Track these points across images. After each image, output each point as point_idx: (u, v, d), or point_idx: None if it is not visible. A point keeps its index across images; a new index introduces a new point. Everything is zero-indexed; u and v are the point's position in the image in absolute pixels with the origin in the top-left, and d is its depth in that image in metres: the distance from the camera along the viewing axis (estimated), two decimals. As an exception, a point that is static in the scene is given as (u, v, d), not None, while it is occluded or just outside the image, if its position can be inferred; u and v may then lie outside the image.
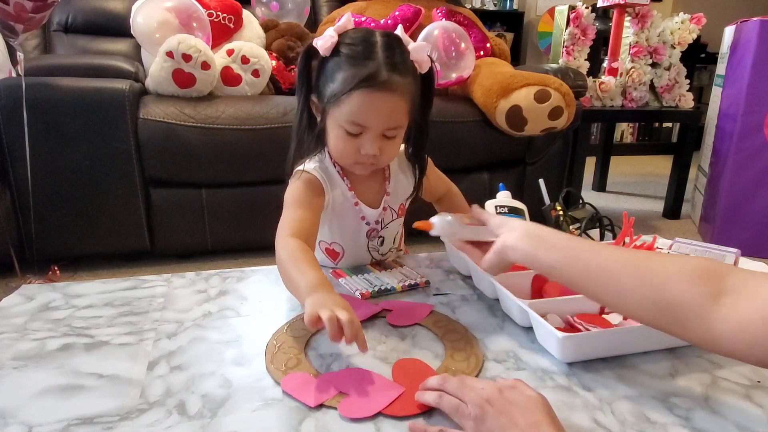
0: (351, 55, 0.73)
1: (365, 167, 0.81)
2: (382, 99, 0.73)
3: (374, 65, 0.72)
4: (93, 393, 0.55)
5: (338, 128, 0.76)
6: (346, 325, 0.55)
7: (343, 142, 0.77)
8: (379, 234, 0.91)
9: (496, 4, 4.51)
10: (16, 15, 1.45)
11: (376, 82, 0.72)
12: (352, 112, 0.74)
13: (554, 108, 1.79)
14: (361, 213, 0.87)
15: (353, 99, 0.72)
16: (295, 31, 2.21)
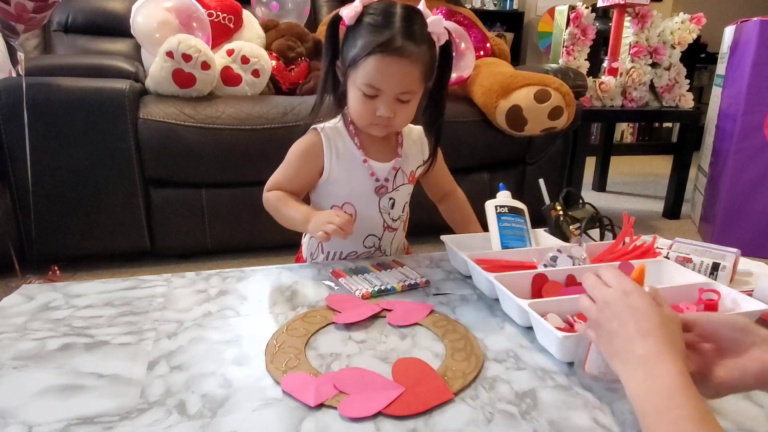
0: (371, 23, 0.80)
1: (380, 128, 0.88)
2: (395, 64, 0.80)
3: (390, 33, 0.78)
4: (93, 393, 0.55)
5: (357, 90, 0.83)
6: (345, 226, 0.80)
7: (361, 103, 0.84)
8: (389, 194, 0.95)
9: (496, 4, 4.51)
10: (17, 15, 1.45)
11: (391, 48, 0.78)
12: (368, 76, 0.81)
13: (554, 108, 1.79)
14: (371, 169, 0.93)
15: (369, 63, 0.80)
16: (295, 31, 2.21)
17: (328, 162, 0.92)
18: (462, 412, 0.53)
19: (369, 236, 0.98)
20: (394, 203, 0.97)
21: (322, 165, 0.93)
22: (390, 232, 0.99)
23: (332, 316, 0.71)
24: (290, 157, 0.96)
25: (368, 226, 0.96)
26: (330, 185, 0.94)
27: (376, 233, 0.98)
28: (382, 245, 1.00)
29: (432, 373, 0.58)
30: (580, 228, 0.96)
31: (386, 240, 1.00)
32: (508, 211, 0.93)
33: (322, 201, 0.97)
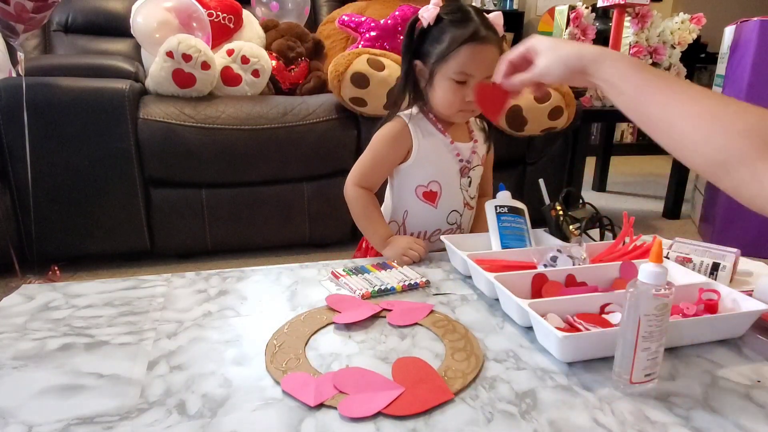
0: (453, 20, 0.91)
1: (465, 114, 0.97)
2: (485, 50, 0.90)
3: (474, 25, 0.90)
4: (93, 393, 0.55)
5: (447, 81, 0.92)
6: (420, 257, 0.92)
7: (452, 92, 0.93)
8: (469, 173, 1.04)
9: (496, 4, 4.51)
10: (17, 15, 1.45)
11: (479, 36, 0.89)
12: (460, 64, 0.90)
13: (554, 108, 1.79)
14: (456, 150, 1.01)
15: (461, 53, 0.90)
16: (295, 31, 2.21)
17: (417, 144, 0.99)
18: (462, 412, 0.53)
19: (452, 212, 1.04)
20: (471, 182, 1.05)
21: (408, 149, 0.99)
22: (468, 210, 1.07)
23: (332, 316, 0.71)
24: (377, 143, 1.01)
25: (452, 202, 1.04)
26: (416, 168, 1.01)
27: (458, 209, 1.05)
28: (462, 222, 1.06)
29: (432, 372, 0.58)
30: (580, 228, 0.96)
31: (465, 217, 1.06)
32: (508, 211, 0.93)
33: (406, 182, 1.03)
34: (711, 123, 0.49)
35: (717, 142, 0.48)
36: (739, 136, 0.47)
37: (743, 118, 0.48)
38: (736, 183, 0.47)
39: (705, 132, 0.49)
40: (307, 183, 1.88)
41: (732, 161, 0.47)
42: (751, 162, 0.46)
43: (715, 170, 0.49)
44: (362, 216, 1.01)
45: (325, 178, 1.88)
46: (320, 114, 1.83)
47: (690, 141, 0.51)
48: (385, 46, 2.12)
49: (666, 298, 0.53)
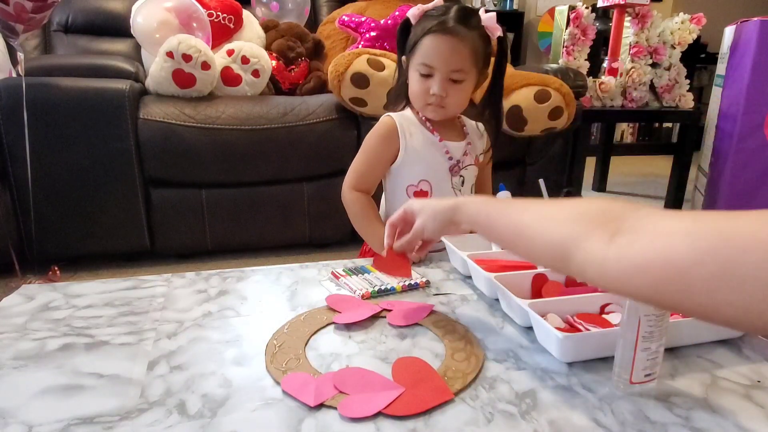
0: (429, 14, 0.92)
1: (434, 109, 0.95)
2: (446, 42, 0.89)
3: (444, 17, 0.89)
4: (93, 393, 0.55)
5: (414, 72, 0.93)
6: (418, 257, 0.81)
7: (418, 84, 0.93)
8: (460, 172, 1.02)
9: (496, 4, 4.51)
10: (17, 15, 1.45)
11: (443, 27, 0.88)
12: (423, 55, 0.90)
13: (554, 108, 1.79)
14: (446, 148, 1.00)
15: (424, 43, 0.90)
16: (295, 31, 2.21)
17: (404, 142, 0.98)
18: (462, 412, 0.53)
19: None
20: (464, 181, 1.04)
21: (397, 148, 0.99)
22: None
23: (332, 316, 0.71)
24: (368, 143, 1.01)
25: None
26: (405, 167, 1.00)
27: None
28: None
29: (432, 372, 0.58)
30: (580, 228, 0.96)
31: None
32: (508, 211, 0.93)
33: (397, 182, 1.03)
34: (549, 220, 0.52)
35: (552, 236, 0.51)
36: (568, 224, 0.49)
37: (572, 208, 0.51)
38: (578, 268, 0.48)
39: (544, 229, 0.52)
40: (307, 183, 1.88)
41: (567, 248, 0.48)
42: (582, 243, 0.46)
43: (560, 262, 0.51)
44: (360, 219, 1.01)
45: (325, 178, 1.88)
46: (320, 114, 1.83)
47: (535, 242, 0.54)
48: (385, 46, 2.12)
49: None
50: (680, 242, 0.39)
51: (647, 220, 0.43)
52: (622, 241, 0.43)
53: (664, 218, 0.42)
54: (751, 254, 0.35)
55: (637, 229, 0.43)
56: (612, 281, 0.44)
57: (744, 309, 0.36)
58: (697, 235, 0.39)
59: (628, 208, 0.46)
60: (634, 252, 0.42)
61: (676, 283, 0.39)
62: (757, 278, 0.35)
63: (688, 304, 0.40)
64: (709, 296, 0.37)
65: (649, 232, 0.42)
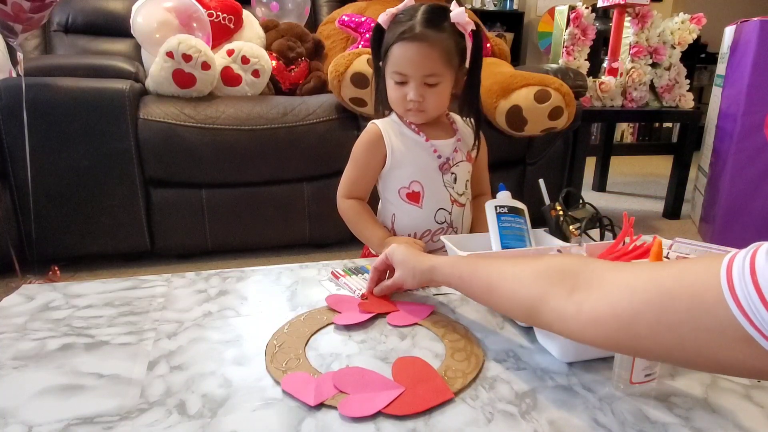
0: (397, 20, 0.91)
1: (414, 113, 0.95)
2: (415, 48, 0.88)
3: (409, 24, 0.88)
4: (93, 393, 0.55)
5: (389, 79, 0.94)
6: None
7: (394, 91, 0.94)
8: (451, 169, 1.02)
9: (496, 4, 4.51)
10: (15, 15, 1.45)
11: (411, 34, 0.88)
12: (394, 63, 0.90)
13: (554, 108, 1.79)
14: (433, 147, 0.99)
15: (394, 51, 0.90)
16: (295, 31, 2.21)
17: (390, 147, 0.99)
18: (462, 412, 0.53)
19: (439, 210, 1.03)
20: (456, 178, 1.03)
21: (384, 154, 0.99)
22: (458, 207, 1.04)
23: (332, 317, 0.71)
24: (356, 153, 1.02)
25: (438, 200, 1.02)
26: (395, 170, 1.01)
27: (446, 207, 1.03)
28: (453, 221, 1.04)
29: (432, 372, 0.58)
30: (580, 228, 0.96)
31: (456, 215, 1.04)
32: (508, 211, 0.93)
33: (389, 185, 1.03)
34: (515, 281, 0.55)
35: (521, 296, 0.54)
36: (532, 284, 0.52)
37: (534, 268, 0.54)
38: (546, 323, 0.52)
39: (512, 290, 0.56)
40: (307, 183, 1.88)
41: (535, 307, 0.52)
42: (546, 301, 0.50)
43: (530, 319, 0.56)
44: (357, 223, 1.02)
45: (325, 178, 1.88)
46: (320, 114, 1.83)
47: (506, 301, 0.57)
48: (385, 46, 2.12)
49: None
50: (623, 296, 0.43)
51: (597, 275, 0.47)
52: (577, 298, 0.47)
53: (611, 272, 0.46)
54: (679, 300, 0.39)
55: (589, 283, 0.47)
56: (575, 334, 0.49)
57: (684, 350, 0.40)
58: (636, 287, 0.43)
59: (581, 263, 0.50)
60: (589, 307, 0.46)
61: (624, 332, 0.43)
62: (685, 321, 0.39)
63: (640, 351, 0.45)
64: (654, 341, 0.42)
65: (598, 287, 0.46)
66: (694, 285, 0.39)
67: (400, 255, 0.73)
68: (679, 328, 0.39)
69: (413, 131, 0.99)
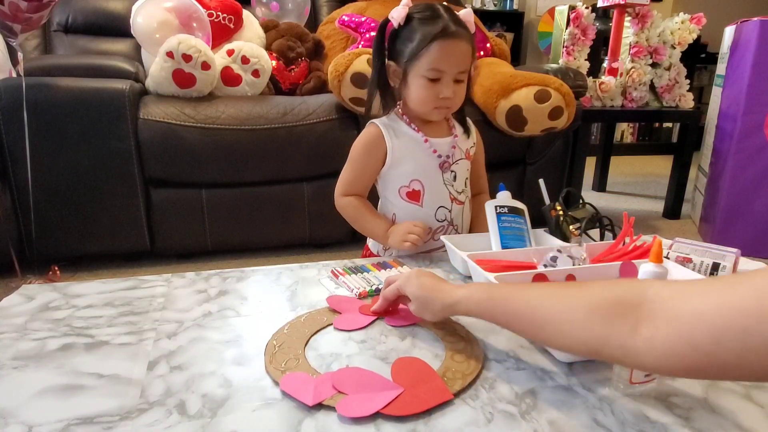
0: (422, 19, 0.92)
1: (442, 111, 0.97)
2: (454, 45, 0.91)
3: (443, 22, 0.91)
4: (93, 393, 0.55)
5: (420, 78, 0.93)
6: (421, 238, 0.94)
7: (426, 89, 0.93)
8: (451, 168, 1.03)
9: (496, 4, 4.51)
10: (12, 15, 1.44)
11: (448, 32, 0.90)
12: (431, 61, 0.91)
13: (554, 108, 1.79)
14: (432, 147, 1.00)
15: (432, 49, 0.90)
16: (295, 31, 2.21)
17: (390, 147, 0.99)
18: (462, 413, 0.53)
19: (440, 208, 1.03)
20: (456, 176, 1.04)
21: (385, 153, 1.00)
22: (458, 205, 1.05)
23: (333, 317, 0.71)
24: (354, 153, 1.03)
25: (438, 199, 1.03)
26: (394, 169, 1.01)
27: (446, 205, 1.04)
28: (453, 219, 1.05)
29: (431, 372, 0.58)
30: (580, 228, 0.96)
31: (456, 213, 1.05)
32: (508, 211, 0.93)
33: (389, 185, 1.03)
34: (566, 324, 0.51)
35: (577, 342, 0.50)
36: (587, 327, 0.48)
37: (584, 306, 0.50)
38: (614, 361, 0.51)
39: (564, 335, 0.51)
40: (307, 183, 1.88)
41: (597, 351, 0.49)
42: (609, 344, 0.47)
43: (590, 356, 0.55)
44: (357, 217, 1.02)
45: (325, 178, 1.88)
46: (320, 114, 1.83)
47: (558, 344, 0.55)
48: (385, 46, 2.12)
49: None
50: (699, 327, 0.40)
51: (661, 305, 0.44)
52: (645, 333, 0.44)
53: (676, 299, 0.43)
54: (765, 323, 0.37)
55: (655, 315, 0.44)
56: (650, 368, 0.47)
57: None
58: (710, 315, 0.40)
59: (638, 291, 0.46)
60: (660, 342, 0.43)
61: (707, 362, 0.41)
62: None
63: (727, 376, 0.45)
64: (741, 367, 0.39)
65: (666, 319, 0.43)
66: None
67: (415, 289, 0.67)
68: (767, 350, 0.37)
69: (413, 130, 1.00)
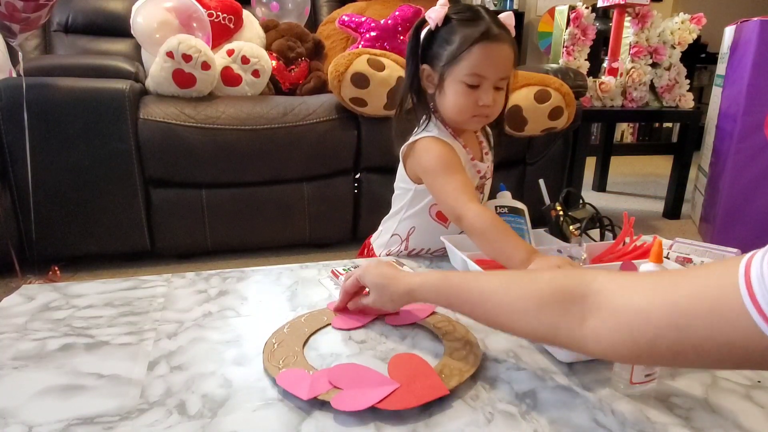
0: (463, 20, 0.86)
1: (480, 120, 0.91)
2: (497, 49, 0.85)
3: (486, 23, 0.84)
4: (93, 393, 0.55)
5: (458, 84, 0.86)
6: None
7: (464, 96, 0.87)
8: (483, 189, 0.99)
9: (496, 4, 4.51)
10: (9, 15, 1.44)
11: (491, 35, 0.84)
12: (472, 65, 0.84)
13: (554, 108, 1.79)
14: (477, 167, 0.96)
15: (473, 53, 0.84)
16: (295, 31, 2.21)
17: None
18: (462, 413, 0.53)
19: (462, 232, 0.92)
20: (483, 198, 1.00)
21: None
22: None
23: (333, 317, 0.71)
24: (443, 161, 0.89)
25: None
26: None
27: None
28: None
29: (428, 368, 0.58)
30: (580, 228, 0.96)
31: None
32: (508, 211, 0.93)
33: (421, 200, 0.96)
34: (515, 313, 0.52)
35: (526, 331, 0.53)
36: (536, 317, 0.50)
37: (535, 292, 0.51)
38: (563, 346, 0.51)
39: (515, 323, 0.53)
40: (307, 183, 1.88)
41: (547, 339, 0.53)
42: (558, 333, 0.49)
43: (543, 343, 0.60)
44: (498, 236, 0.79)
45: (325, 178, 1.88)
46: (320, 114, 1.83)
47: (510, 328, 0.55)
48: (385, 46, 2.12)
49: None
50: (639, 323, 0.42)
51: (605, 298, 0.45)
52: (591, 324, 0.46)
53: (619, 294, 0.45)
54: (699, 319, 0.38)
55: (599, 307, 0.45)
56: (599, 356, 0.49)
57: (706, 362, 0.43)
58: (650, 312, 0.42)
59: (583, 282, 0.47)
60: (605, 334, 0.45)
61: (647, 354, 0.43)
62: (707, 338, 0.38)
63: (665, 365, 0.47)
64: (676, 360, 0.42)
65: (611, 313, 0.44)
66: (712, 299, 0.38)
67: (373, 278, 0.67)
68: (702, 346, 0.39)
69: (461, 145, 0.93)
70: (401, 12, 2.18)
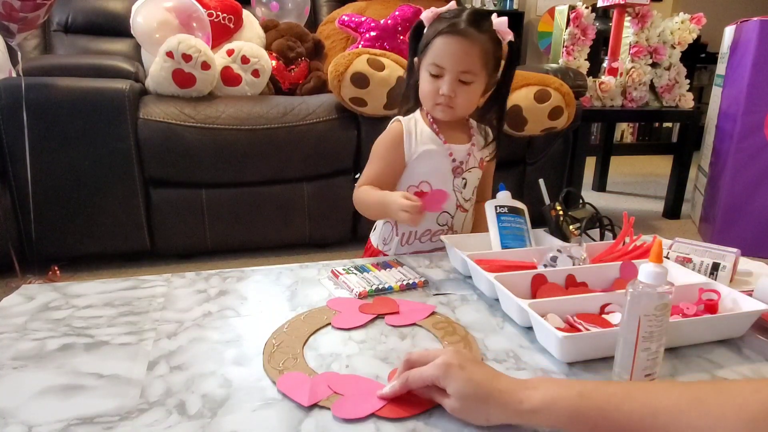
0: (443, 17, 0.93)
1: (443, 109, 0.96)
2: (457, 43, 0.90)
3: (456, 19, 0.91)
4: (93, 393, 0.55)
5: (425, 72, 0.95)
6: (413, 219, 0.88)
7: (428, 84, 0.95)
8: (463, 174, 1.02)
9: (496, 4, 4.51)
10: (7, 14, 1.44)
11: (454, 29, 0.90)
12: (434, 55, 0.92)
13: (554, 108, 1.79)
14: (450, 150, 1.00)
15: (435, 44, 0.91)
16: (295, 31, 2.21)
17: (407, 147, 0.99)
18: (462, 412, 0.53)
19: (443, 213, 1.03)
20: (466, 183, 1.04)
21: (404, 152, 1.00)
22: (462, 212, 1.05)
23: (333, 315, 0.71)
24: (376, 149, 1.03)
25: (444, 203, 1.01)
26: (410, 167, 1.01)
27: (450, 211, 1.03)
28: (454, 224, 1.05)
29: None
30: (580, 228, 0.96)
31: (458, 219, 1.05)
32: (508, 211, 0.93)
33: (402, 184, 1.03)
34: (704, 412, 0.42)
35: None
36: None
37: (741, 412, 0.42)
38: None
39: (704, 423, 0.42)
40: (307, 183, 1.88)
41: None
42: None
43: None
44: (363, 198, 0.99)
45: (325, 178, 1.88)
46: (320, 114, 1.83)
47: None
48: (385, 46, 2.12)
49: (666, 299, 0.53)
50: None
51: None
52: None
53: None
54: None
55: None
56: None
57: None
58: None
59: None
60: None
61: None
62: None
63: None
64: None
65: None
66: None
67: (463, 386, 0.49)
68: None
69: (434, 131, 1.00)
70: (401, 12, 2.18)
